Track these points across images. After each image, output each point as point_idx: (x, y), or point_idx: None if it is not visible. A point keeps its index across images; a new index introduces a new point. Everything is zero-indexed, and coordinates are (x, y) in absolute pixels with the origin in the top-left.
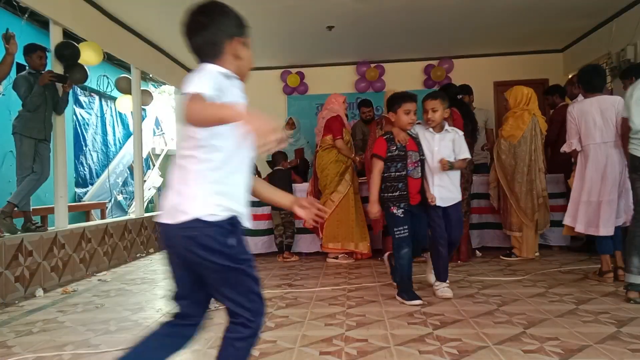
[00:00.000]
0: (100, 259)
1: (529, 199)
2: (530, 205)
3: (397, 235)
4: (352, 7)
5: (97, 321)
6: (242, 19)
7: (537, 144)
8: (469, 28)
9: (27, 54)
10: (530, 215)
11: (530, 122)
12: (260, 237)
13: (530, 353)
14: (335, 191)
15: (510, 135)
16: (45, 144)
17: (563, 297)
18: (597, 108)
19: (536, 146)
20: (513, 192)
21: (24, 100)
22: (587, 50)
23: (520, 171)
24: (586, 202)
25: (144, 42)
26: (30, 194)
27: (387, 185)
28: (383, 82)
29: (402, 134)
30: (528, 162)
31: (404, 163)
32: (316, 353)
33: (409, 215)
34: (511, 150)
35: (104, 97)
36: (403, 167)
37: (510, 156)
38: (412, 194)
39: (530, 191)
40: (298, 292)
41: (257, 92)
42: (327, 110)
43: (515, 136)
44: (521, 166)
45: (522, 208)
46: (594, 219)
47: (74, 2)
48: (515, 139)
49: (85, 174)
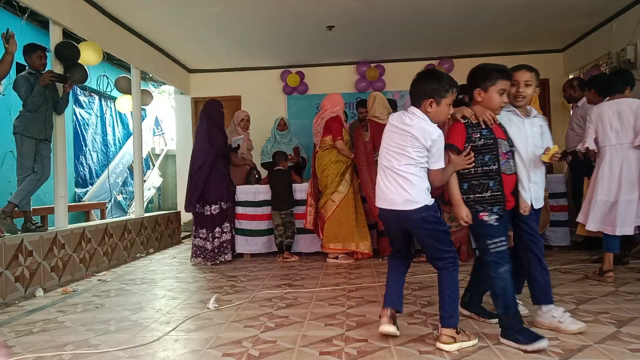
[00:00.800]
0: (100, 259)
1: None
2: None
3: (492, 249)
4: (352, 7)
5: (97, 321)
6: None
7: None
8: (469, 28)
9: (27, 54)
10: None
11: None
12: (260, 237)
13: (531, 353)
14: (336, 191)
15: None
16: (46, 144)
17: (563, 297)
18: (615, 110)
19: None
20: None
21: (25, 100)
22: (587, 50)
23: None
24: (601, 202)
25: (144, 42)
26: (31, 194)
27: (473, 184)
28: (383, 82)
29: (487, 111)
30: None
31: (495, 154)
32: (316, 353)
33: (505, 222)
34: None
35: (104, 97)
36: (493, 160)
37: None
38: (506, 195)
39: None
40: (298, 292)
41: (257, 92)
42: (329, 110)
43: None
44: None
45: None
46: (608, 218)
47: (73, 2)
48: None
49: (85, 174)
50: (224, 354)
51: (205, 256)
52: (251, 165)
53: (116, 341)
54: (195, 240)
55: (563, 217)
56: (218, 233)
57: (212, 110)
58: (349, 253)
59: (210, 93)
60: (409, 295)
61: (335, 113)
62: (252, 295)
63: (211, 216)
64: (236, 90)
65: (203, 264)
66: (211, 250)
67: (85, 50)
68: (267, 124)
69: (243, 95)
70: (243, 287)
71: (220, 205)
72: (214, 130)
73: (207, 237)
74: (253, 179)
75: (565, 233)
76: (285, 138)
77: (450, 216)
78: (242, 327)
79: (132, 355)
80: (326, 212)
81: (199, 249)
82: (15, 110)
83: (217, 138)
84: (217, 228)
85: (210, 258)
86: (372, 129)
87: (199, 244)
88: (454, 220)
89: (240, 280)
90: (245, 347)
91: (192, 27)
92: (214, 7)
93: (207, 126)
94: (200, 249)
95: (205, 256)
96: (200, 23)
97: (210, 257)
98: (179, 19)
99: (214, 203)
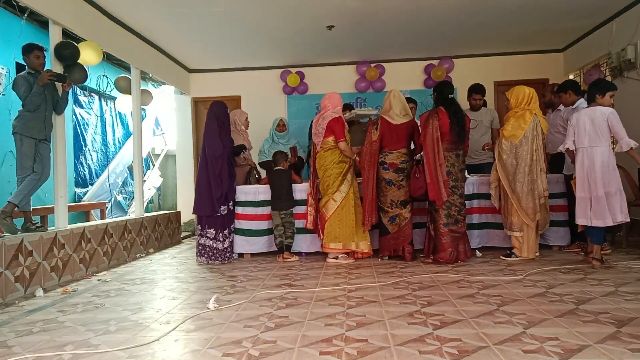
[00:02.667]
0: (100, 259)
1: (530, 199)
2: (532, 205)
3: None
4: (352, 7)
5: (97, 321)
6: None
7: (538, 143)
8: (469, 28)
9: (25, 54)
10: (532, 215)
11: (532, 121)
12: (260, 237)
13: (530, 353)
14: (338, 191)
15: (512, 135)
16: (45, 143)
17: (563, 297)
18: (590, 117)
19: (537, 146)
20: (514, 192)
21: (24, 100)
22: (587, 50)
23: (522, 171)
24: (579, 198)
25: (143, 42)
26: (31, 194)
27: None
28: (383, 81)
29: None
30: (529, 162)
31: None
32: (316, 353)
33: None
34: (512, 150)
35: (104, 97)
36: None
37: (511, 156)
38: None
39: (532, 191)
40: (298, 292)
41: (257, 92)
42: (330, 110)
43: (516, 136)
44: (522, 166)
45: (523, 208)
46: (586, 212)
47: (73, 2)
48: (517, 138)
49: (85, 174)
50: (224, 354)
51: (215, 256)
52: (252, 165)
53: (116, 341)
54: (202, 240)
55: (563, 217)
56: (228, 233)
57: (221, 112)
58: (349, 253)
59: (210, 93)
60: (409, 295)
61: (337, 114)
62: (252, 295)
63: (220, 216)
64: (236, 90)
65: (206, 263)
66: (223, 250)
67: (85, 50)
68: (267, 124)
69: (243, 95)
70: (243, 287)
71: (228, 205)
72: (224, 132)
73: (216, 237)
74: (253, 179)
75: (565, 233)
76: (283, 139)
77: (446, 213)
78: (242, 327)
79: (132, 355)
80: (327, 211)
81: (205, 248)
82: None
83: (227, 139)
84: (227, 229)
85: (222, 257)
86: (381, 127)
87: (206, 243)
88: (450, 217)
89: (240, 280)
90: (245, 347)
91: (192, 27)
92: (214, 7)
93: (218, 128)
94: (206, 248)
95: (215, 256)
96: (200, 23)
97: (222, 257)
98: (179, 19)
99: (223, 204)
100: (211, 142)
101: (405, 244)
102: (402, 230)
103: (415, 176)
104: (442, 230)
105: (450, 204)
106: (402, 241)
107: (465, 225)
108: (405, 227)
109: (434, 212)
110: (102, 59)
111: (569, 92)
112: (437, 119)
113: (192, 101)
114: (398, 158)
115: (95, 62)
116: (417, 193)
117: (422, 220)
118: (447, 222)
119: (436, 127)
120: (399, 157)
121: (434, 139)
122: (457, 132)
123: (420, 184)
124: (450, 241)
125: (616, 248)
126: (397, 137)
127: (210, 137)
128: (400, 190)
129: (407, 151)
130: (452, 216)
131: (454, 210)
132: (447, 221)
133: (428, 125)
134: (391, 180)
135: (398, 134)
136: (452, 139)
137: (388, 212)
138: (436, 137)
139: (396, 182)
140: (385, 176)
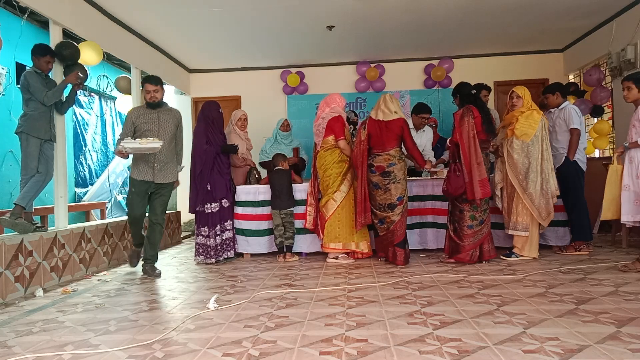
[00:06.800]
0: (100, 259)
1: (543, 199)
2: (544, 205)
3: None
4: (352, 7)
5: (97, 321)
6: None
7: (547, 142)
8: (469, 28)
9: (36, 54)
10: (545, 215)
11: (541, 121)
12: (260, 237)
13: (530, 353)
14: (339, 190)
15: (524, 133)
16: (50, 144)
17: (563, 297)
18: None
19: (547, 145)
20: (526, 192)
21: (43, 96)
22: (587, 50)
23: (535, 170)
24: (634, 193)
25: (143, 42)
26: (37, 194)
27: None
28: (383, 82)
29: None
30: (541, 160)
31: None
32: (316, 353)
33: None
34: (524, 149)
35: (104, 97)
36: None
37: (523, 155)
38: None
39: (544, 190)
40: (298, 292)
41: (257, 92)
42: (329, 109)
43: (528, 135)
44: (535, 165)
45: (536, 207)
46: (634, 208)
47: (73, 2)
48: (529, 137)
49: (85, 174)
50: (224, 354)
51: (207, 254)
52: (251, 165)
53: (116, 341)
54: (198, 239)
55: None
56: (219, 230)
57: (209, 111)
58: (349, 253)
59: (210, 93)
60: (409, 295)
61: (337, 113)
62: (252, 295)
63: (211, 214)
64: (236, 90)
65: (204, 261)
66: (214, 247)
67: (85, 50)
68: (267, 124)
69: (243, 95)
70: (243, 287)
71: (221, 203)
72: (212, 131)
73: (208, 235)
74: (253, 179)
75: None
76: (286, 139)
77: (471, 215)
78: (242, 327)
79: (132, 355)
80: (327, 211)
81: (201, 246)
82: (15, 110)
83: (216, 137)
84: (218, 226)
85: (214, 255)
86: (369, 127)
87: (201, 241)
88: (475, 219)
89: (240, 280)
90: (245, 347)
91: (192, 27)
92: (214, 7)
93: (205, 126)
94: (202, 246)
95: (208, 253)
96: (200, 23)
97: (214, 255)
98: (179, 19)
99: (215, 201)
100: (194, 141)
101: (394, 246)
102: (390, 233)
103: (456, 174)
104: (466, 232)
105: (476, 206)
106: (390, 243)
107: (489, 224)
108: (394, 229)
109: (458, 213)
110: (102, 59)
111: (556, 93)
112: (472, 117)
113: (192, 101)
114: (385, 161)
115: (96, 62)
116: (457, 192)
117: (422, 220)
118: (471, 224)
119: (472, 125)
120: (386, 160)
121: (470, 137)
122: (487, 128)
123: (461, 183)
124: (473, 243)
125: (616, 248)
126: (385, 137)
127: (194, 136)
128: (386, 193)
129: (396, 153)
130: (477, 218)
131: (480, 211)
132: (472, 223)
133: (464, 123)
134: (377, 183)
135: (387, 134)
136: (484, 137)
137: (377, 215)
138: (472, 134)
139: (382, 186)
140: (372, 179)
